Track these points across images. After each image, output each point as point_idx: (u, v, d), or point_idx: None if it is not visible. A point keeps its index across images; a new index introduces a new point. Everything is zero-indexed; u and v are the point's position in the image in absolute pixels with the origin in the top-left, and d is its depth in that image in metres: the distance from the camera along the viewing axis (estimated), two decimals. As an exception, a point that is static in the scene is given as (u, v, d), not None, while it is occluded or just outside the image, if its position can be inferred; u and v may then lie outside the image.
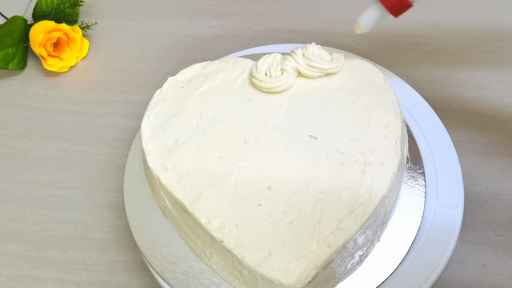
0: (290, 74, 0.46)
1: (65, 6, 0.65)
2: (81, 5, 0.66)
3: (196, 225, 0.40)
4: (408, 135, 0.49)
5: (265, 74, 0.46)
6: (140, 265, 0.49)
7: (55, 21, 0.63)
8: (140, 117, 0.58)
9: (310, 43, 0.47)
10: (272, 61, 0.47)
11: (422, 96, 0.53)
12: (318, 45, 0.48)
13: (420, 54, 0.62)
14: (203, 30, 0.67)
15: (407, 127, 0.50)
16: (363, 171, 0.41)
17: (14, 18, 0.64)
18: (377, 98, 0.46)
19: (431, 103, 0.53)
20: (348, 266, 0.40)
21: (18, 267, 0.50)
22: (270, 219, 0.39)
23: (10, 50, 0.62)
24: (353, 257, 0.40)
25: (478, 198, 0.51)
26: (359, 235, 0.39)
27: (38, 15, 0.65)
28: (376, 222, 0.41)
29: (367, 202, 0.39)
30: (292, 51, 0.47)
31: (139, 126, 0.54)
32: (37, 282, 0.49)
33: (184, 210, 0.40)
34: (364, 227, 0.38)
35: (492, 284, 0.46)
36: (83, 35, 0.65)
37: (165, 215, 0.45)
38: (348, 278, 0.41)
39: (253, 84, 0.46)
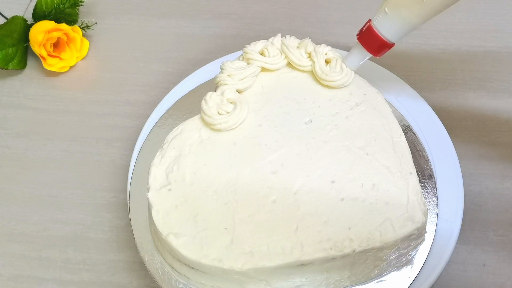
0: (240, 99, 0.45)
1: (65, 6, 0.65)
2: (81, 5, 0.66)
3: (318, 264, 0.39)
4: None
5: (220, 114, 0.44)
6: (140, 265, 0.49)
7: (55, 21, 0.63)
8: (140, 117, 0.58)
9: (222, 62, 0.47)
10: (215, 100, 0.44)
11: (422, 96, 0.53)
12: (227, 60, 0.47)
13: (420, 54, 0.62)
14: (203, 30, 0.67)
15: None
16: (363, 111, 0.45)
17: (14, 18, 0.64)
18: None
19: (431, 103, 0.53)
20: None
21: (18, 267, 0.50)
22: (360, 199, 0.40)
23: (10, 50, 0.62)
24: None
25: (478, 198, 0.51)
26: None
27: (38, 15, 0.65)
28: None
29: (392, 126, 0.44)
30: (218, 81, 0.46)
31: (139, 126, 0.55)
32: (37, 282, 0.49)
33: (301, 265, 0.39)
34: (408, 144, 0.44)
35: (492, 284, 0.46)
36: (83, 35, 0.65)
37: None
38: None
39: (219, 130, 0.44)
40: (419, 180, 0.43)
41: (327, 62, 0.47)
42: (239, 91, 0.46)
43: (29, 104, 0.62)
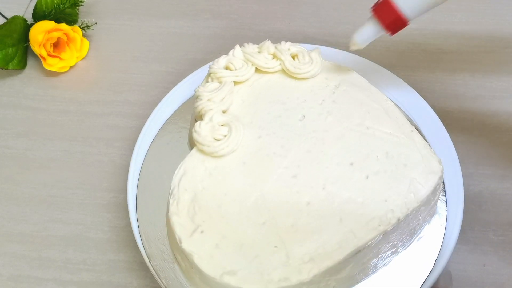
0: (231, 119, 0.44)
1: (65, 6, 0.65)
2: (81, 5, 0.66)
3: (372, 244, 0.39)
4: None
5: (217, 140, 0.43)
6: (140, 265, 0.49)
7: (55, 21, 0.63)
8: (140, 117, 0.58)
9: (196, 90, 0.46)
10: (207, 128, 0.43)
11: (422, 96, 0.53)
12: (199, 85, 0.47)
13: (420, 54, 0.62)
14: (203, 30, 0.67)
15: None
16: (345, 91, 0.46)
17: (14, 18, 0.64)
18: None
19: (431, 103, 0.53)
20: None
21: (18, 267, 0.50)
22: (382, 170, 0.42)
23: (10, 50, 0.62)
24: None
25: (478, 198, 0.51)
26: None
27: (38, 15, 0.65)
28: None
29: (376, 95, 0.46)
30: (201, 109, 0.45)
31: (139, 126, 0.55)
32: (37, 282, 0.49)
33: (359, 251, 0.39)
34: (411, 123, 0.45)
35: (492, 284, 0.46)
36: (83, 35, 0.65)
37: None
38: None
39: (221, 156, 0.43)
40: None
41: (293, 57, 0.48)
42: (223, 112, 0.45)
43: (29, 104, 0.62)
